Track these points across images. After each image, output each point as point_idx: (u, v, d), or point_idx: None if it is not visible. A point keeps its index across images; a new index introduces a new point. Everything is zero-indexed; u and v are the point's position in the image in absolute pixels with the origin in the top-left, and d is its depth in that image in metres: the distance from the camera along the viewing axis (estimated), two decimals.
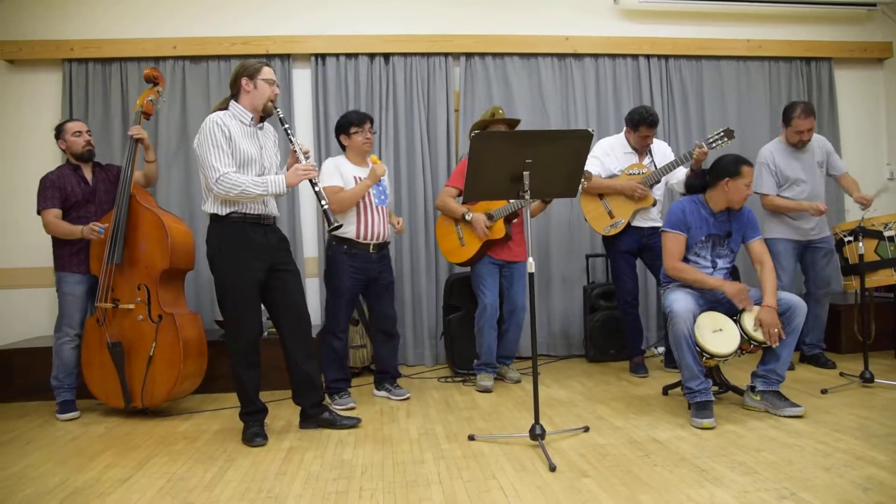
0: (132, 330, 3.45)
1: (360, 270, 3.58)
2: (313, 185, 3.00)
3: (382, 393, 3.79)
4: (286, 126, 3.07)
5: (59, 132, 3.69)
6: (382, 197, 3.68)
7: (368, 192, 3.58)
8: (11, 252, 4.50)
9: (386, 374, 3.82)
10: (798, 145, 4.00)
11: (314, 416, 3.20)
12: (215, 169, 2.88)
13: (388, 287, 3.75)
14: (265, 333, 3.72)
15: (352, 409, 3.48)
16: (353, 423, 3.20)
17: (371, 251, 3.60)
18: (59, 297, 3.62)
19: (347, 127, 3.64)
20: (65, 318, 3.59)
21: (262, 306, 3.15)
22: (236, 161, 2.95)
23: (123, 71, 4.62)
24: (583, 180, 3.60)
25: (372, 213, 3.60)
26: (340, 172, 3.58)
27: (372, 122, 3.70)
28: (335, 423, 3.19)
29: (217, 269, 3.02)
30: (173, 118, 4.66)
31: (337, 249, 3.58)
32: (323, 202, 2.99)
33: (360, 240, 3.56)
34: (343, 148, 3.72)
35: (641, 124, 4.01)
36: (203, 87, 4.70)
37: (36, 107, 4.58)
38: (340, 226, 3.06)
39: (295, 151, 3.08)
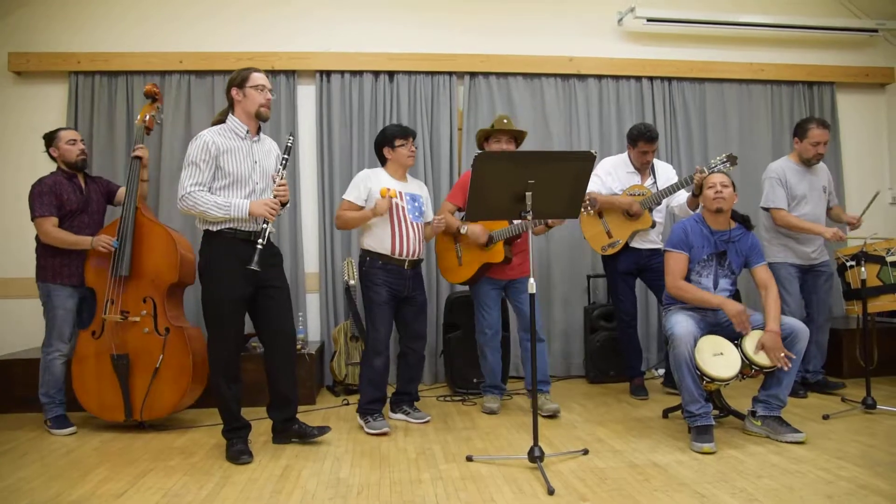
0: (137, 342, 3.43)
1: (394, 285, 3.48)
2: (265, 221, 2.98)
3: (400, 416, 3.65)
4: (286, 157, 3.09)
5: (52, 140, 3.61)
6: (417, 213, 3.57)
7: (403, 209, 3.49)
8: (15, 261, 4.49)
9: (405, 396, 3.69)
10: (812, 160, 3.96)
11: (284, 431, 3.22)
12: (182, 186, 2.94)
13: (422, 307, 3.64)
14: (258, 349, 3.71)
15: (385, 433, 3.35)
16: (324, 432, 3.22)
17: (406, 268, 3.51)
18: (49, 311, 3.53)
19: (392, 139, 3.54)
20: (55, 333, 3.51)
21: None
22: (225, 179, 2.97)
23: (129, 84, 4.65)
24: (588, 208, 3.55)
25: (407, 228, 3.50)
26: (369, 187, 3.48)
27: (414, 136, 3.63)
28: (305, 435, 3.20)
29: (204, 283, 3.03)
30: (177, 132, 4.67)
31: (371, 264, 3.49)
32: (260, 240, 2.93)
33: (395, 255, 3.47)
34: (382, 161, 3.62)
35: (639, 139, 4.02)
36: (208, 102, 4.72)
37: (42, 118, 4.60)
38: (257, 270, 2.91)
39: (274, 181, 3.07)
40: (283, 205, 3.08)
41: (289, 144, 3.13)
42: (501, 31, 4.99)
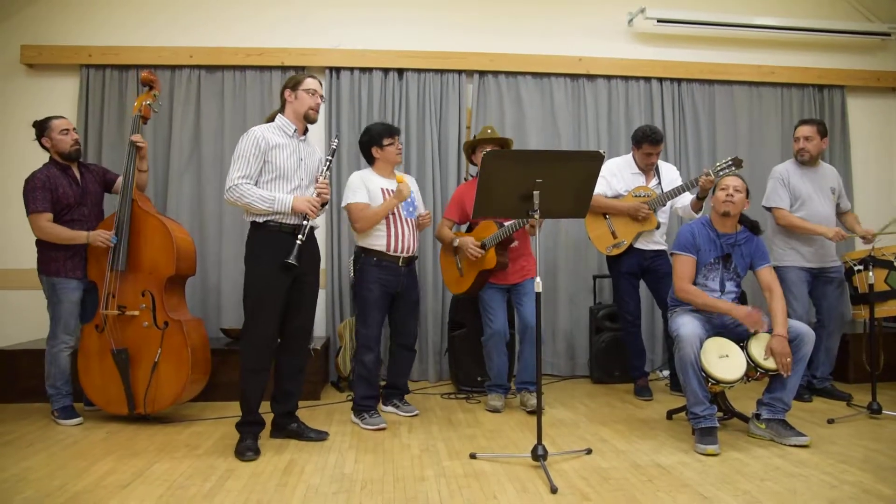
0: (136, 336, 3.44)
1: (388, 282, 3.53)
2: (305, 217, 3.06)
3: (390, 408, 3.74)
4: (329, 158, 3.21)
5: (43, 129, 3.52)
6: (411, 209, 3.62)
7: (397, 206, 3.54)
8: (19, 252, 4.52)
9: (395, 390, 3.77)
10: (797, 156, 3.98)
11: (283, 427, 3.24)
12: (230, 178, 3.01)
13: (415, 304, 3.73)
14: None
15: (382, 428, 3.39)
16: (321, 437, 3.21)
17: (400, 264, 3.56)
18: (54, 305, 3.52)
19: (380, 139, 3.59)
20: (61, 326, 3.50)
21: None
22: (272, 174, 3.04)
23: (139, 78, 4.65)
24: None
25: (402, 225, 3.55)
26: (367, 188, 3.53)
27: (399, 133, 3.70)
28: (302, 434, 3.21)
29: (247, 273, 3.08)
30: (187, 126, 4.70)
31: (366, 261, 3.54)
32: (300, 236, 3.03)
33: (391, 252, 3.52)
34: (370, 161, 3.67)
35: (644, 141, 4.03)
36: (217, 97, 4.74)
37: (53, 111, 4.53)
38: (294, 265, 3.00)
39: (317, 181, 3.17)
40: (323, 204, 3.16)
41: (334, 146, 3.25)
42: (511, 31, 4.99)
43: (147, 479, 2.65)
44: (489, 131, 3.92)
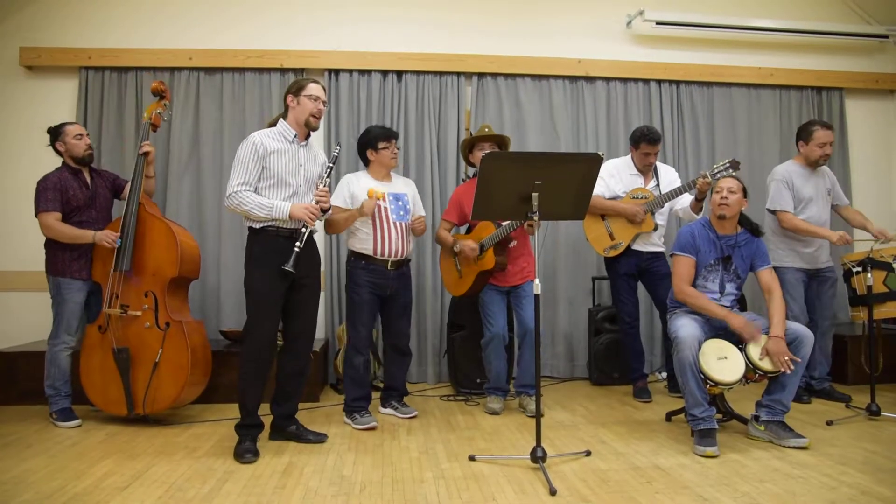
0: (138, 336, 3.46)
1: (376, 285, 3.55)
2: (304, 224, 3.07)
3: (388, 410, 3.76)
4: (331, 165, 3.22)
5: (58, 134, 3.61)
6: (402, 213, 3.62)
7: (386, 210, 3.56)
8: (20, 255, 4.52)
9: (393, 392, 3.79)
10: (819, 161, 3.95)
11: (282, 429, 3.24)
12: (230, 185, 3.03)
13: (406, 307, 3.73)
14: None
15: (372, 427, 3.42)
16: (320, 439, 3.21)
17: (388, 268, 3.57)
18: (58, 304, 3.55)
19: (375, 142, 3.61)
20: (63, 326, 3.53)
21: None
22: (270, 179, 3.06)
23: (139, 80, 4.67)
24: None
25: (389, 229, 3.55)
26: (351, 191, 3.56)
27: (397, 137, 3.71)
28: (301, 436, 3.22)
29: (247, 276, 3.10)
30: (186, 129, 4.70)
31: (355, 264, 3.58)
32: (298, 243, 3.03)
33: (377, 256, 3.53)
34: (365, 163, 3.70)
35: (642, 141, 4.04)
36: (217, 99, 4.74)
37: (52, 113, 4.61)
38: (290, 272, 3.00)
39: (317, 188, 3.17)
40: (325, 211, 3.17)
41: (335, 153, 3.27)
42: (510, 33, 5.00)
43: (146, 481, 2.65)
44: (486, 129, 3.91)
